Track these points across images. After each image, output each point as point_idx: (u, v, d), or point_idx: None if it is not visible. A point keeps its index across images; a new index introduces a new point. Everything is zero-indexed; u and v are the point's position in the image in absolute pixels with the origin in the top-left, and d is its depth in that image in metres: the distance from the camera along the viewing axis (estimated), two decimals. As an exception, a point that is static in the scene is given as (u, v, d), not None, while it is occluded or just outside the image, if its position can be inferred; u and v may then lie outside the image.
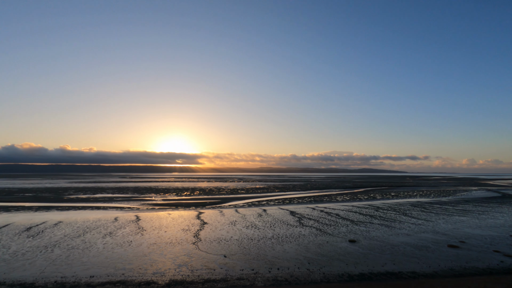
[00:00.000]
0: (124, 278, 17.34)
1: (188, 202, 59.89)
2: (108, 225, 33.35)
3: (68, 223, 34.78)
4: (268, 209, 47.72)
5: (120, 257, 21.40)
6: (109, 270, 18.67)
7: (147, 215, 41.60)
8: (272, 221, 36.80)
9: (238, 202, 59.10)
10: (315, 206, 53.07)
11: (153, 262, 20.41)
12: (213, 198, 67.49)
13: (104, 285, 16.29)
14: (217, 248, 23.90)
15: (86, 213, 43.43)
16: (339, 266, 19.75)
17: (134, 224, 34.10)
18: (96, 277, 17.57)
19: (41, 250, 23.26)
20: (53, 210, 46.62)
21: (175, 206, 52.28)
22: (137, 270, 18.71)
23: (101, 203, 56.30)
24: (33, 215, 41.11)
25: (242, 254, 22.37)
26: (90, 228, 31.85)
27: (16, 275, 17.85)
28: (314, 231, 31.01)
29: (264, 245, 24.93)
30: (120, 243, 25.39)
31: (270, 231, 30.60)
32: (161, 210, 47.52)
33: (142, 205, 53.51)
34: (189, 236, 28.19)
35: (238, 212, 44.19)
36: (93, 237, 27.72)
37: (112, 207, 50.30)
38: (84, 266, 19.51)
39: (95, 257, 21.40)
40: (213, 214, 42.19)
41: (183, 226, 33.15)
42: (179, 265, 19.76)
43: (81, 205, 53.77)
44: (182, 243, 25.57)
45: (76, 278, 17.37)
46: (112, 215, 40.87)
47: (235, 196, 74.38)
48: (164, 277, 17.50)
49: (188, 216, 40.47)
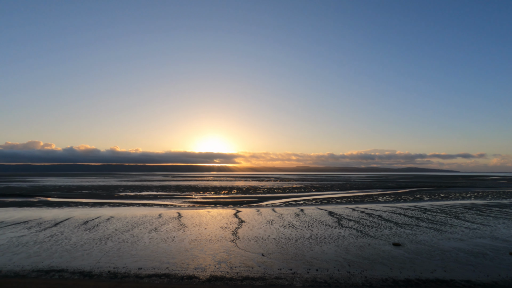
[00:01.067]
0: (168, 272, 18.37)
1: (226, 200, 61.44)
2: (153, 221, 35.59)
3: (118, 218, 37.81)
4: (306, 209, 47.04)
5: (165, 252, 22.70)
6: (155, 263, 19.92)
7: (188, 212, 43.57)
8: (310, 221, 36.21)
9: (275, 201, 59.16)
10: (355, 206, 51.07)
11: (194, 257, 21.31)
12: (250, 197, 68.42)
13: (150, 277, 17.42)
14: (255, 247, 24.19)
15: (134, 209, 46.82)
16: (383, 270, 18.78)
17: (176, 221, 35.92)
18: (144, 269, 18.86)
19: (96, 242, 25.60)
20: (106, 206, 51.03)
21: (214, 204, 54.00)
22: (180, 265, 19.69)
23: (146, 200, 60.33)
24: (89, 210, 45.41)
25: (279, 253, 22.36)
26: (137, 223, 34.28)
27: (76, 263, 19.89)
28: (355, 232, 29.86)
29: (302, 245, 24.64)
30: (164, 238, 26.94)
31: (307, 231, 30.15)
32: (201, 208, 49.42)
33: (183, 203, 56.15)
34: (228, 234, 28.92)
35: (275, 211, 44.25)
36: (140, 232, 29.79)
37: (156, 204, 53.59)
38: (133, 258, 21.06)
39: (142, 251, 22.97)
40: (251, 213, 42.76)
41: (221, 224, 34.10)
42: (219, 261, 20.37)
43: (129, 202, 58.11)
44: (221, 241, 26.32)
45: (126, 269, 18.83)
46: (157, 212, 43.53)
47: (271, 195, 74.59)
48: (205, 273, 18.18)
49: (226, 214, 41.53)
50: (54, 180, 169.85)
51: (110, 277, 17.46)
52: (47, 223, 34.28)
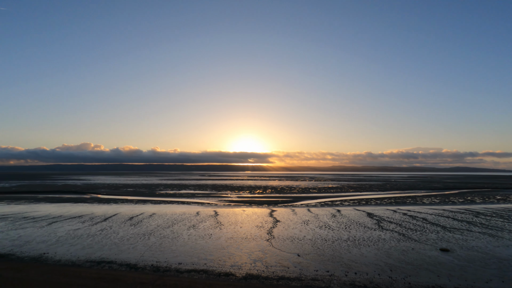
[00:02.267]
0: (206, 268, 19.00)
1: (261, 200, 61.81)
2: (191, 219, 37.05)
3: (159, 215, 39.96)
4: (343, 210, 45.56)
5: (202, 248, 23.51)
6: (194, 259, 20.71)
7: (224, 210, 44.64)
8: (347, 222, 35.01)
9: (310, 202, 58.16)
10: (396, 208, 48.27)
11: (231, 255, 21.77)
12: (284, 197, 68.08)
13: (190, 272, 18.16)
14: (290, 247, 24.02)
15: (174, 207, 49.17)
16: (428, 277, 17.50)
17: (213, 219, 37.00)
18: (183, 264, 19.72)
19: (140, 237, 27.33)
20: (148, 203, 54.25)
21: (249, 203, 54.66)
22: (217, 261, 20.25)
23: (185, 199, 63.03)
24: (134, 207, 48.64)
25: (316, 254, 21.94)
26: (177, 220, 35.93)
27: (123, 256, 21.43)
28: (396, 235, 28.22)
29: (339, 247, 23.92)
30: (202, 236, 27.90)
31: (345, 233, 29.17)
32: (236, 206, 50.31)
33: (219, 201, 57.64)
34: (263, 233, 29.08)
35: (310, 212, 43.51)
36: (179, 228, 31.19)
37: (194, 202, 55.72)
38: (174, 253, 22.12)
39: (182, 246, 24.03)
40: (285, 213, 42.53)
41: (257, 223, 34.39)
42: (254, 260, 20.57)
43: (169, 199, 61.16)
44: (257, 239, 26.55)
45: (168, 263, 19.84)
46: (195, 210, 45.25)
47: (306, 195, 73.46)
48: (241, 270, 18.48)
49: (261, 214, 41.79)
50: (103, 178, 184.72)
51: (153, 270, 18.52)
52: (98, 218, 37.38)
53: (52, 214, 40.12)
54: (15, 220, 35.79)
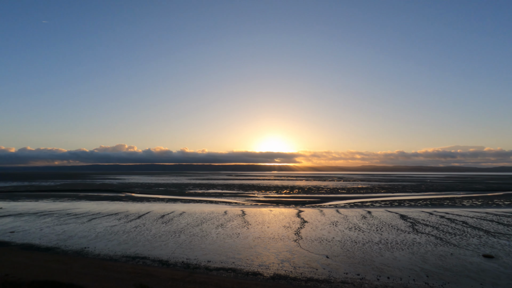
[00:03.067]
0: (234, 266, 19.27)
1: (288, 200, 61.42)
2: (219, 218, 37.78)
3: (189, 213, 41.20)
4: (373, 211, 43.90)
5: (230, 247, 23.88)
6: (222, 258, 21.10)
7: (251, 210, 44.98)
8: (379, 224, 33.67)
9: (339, 202, 56.74)
10: (432, 210, 45.57)
11: (258, 254, 21.88)
12: (312, 197, 67.05)
13: (218, 270, 18.53)
14: (318, 248, 23.61)
15: (202, 206, 50.45)
16: (470, 284, 16.31)
17: (241, 218, 37.42)
18: (212, 262, 20.17)
19: (171, 234, 28.38)
20: (178, 202, 56.17)
21: (275, 203, 54.56)
22: (245, 261, 20.45)
23: (213, 198, 64.41)
24: (165, 205, 50.62)
25: (345, 256, 21.37)
26: (205, 219, 36.82)
27: (155, 252, 22.39)
28: (433, 239, 26.64)
29: (370, 250, 23.08)
30: (230, 234, 28.34)
31: (376, 235, 28.09)
32: (263, 206, 50.46)
33: (247, 201, 58.16)
34: (290, 233, 28.88)
35: (339, 213, 42.44)
36: (208, 227, 31.93)
37: (222, 202, 56.76)
38: (203, 251, 22.70)
39: (211, 245, 24.58)
40: (313, 213, 41.89)
41: (284, 223, 34.23)
42: (282, 260, 20.49)
43: (198, 198, 62.86)
44: (284, 240, 26.43)
45: (197, 261, 20.40)
46: (222, 209, 46.08)
47: (335, 195, 71.76)
48: (269, 270, 18.50)
49: (288, 214, 41.53)
50: (136, 178, 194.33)
51: (184, 267, 19.15)
52: (132, 215, 39.38)
53: (92, 211, 42.95)
54: (60, 216, 38.81)
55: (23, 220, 35.64)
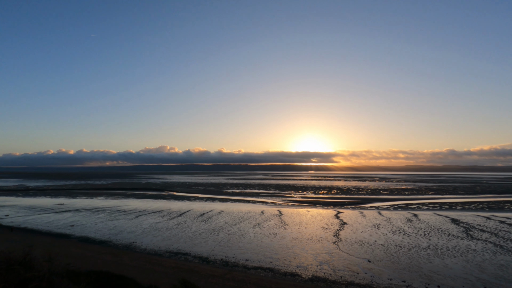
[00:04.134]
0: (272, 266, 19.29)
1: (326, 200, 59.88)
2: (256, 217, 38.12)
3: (227, 212, 42.20)
4: (420, 214, 40.90)
5: (268, 247, 23.96)
6: (260, 257, 21.26)
7: (288, 210, 44.67)
8: (426, 228, 31.29)
9: (381, 204, 53.85)
10: (490, 214, 41.11)
11: (296, 255, 21.64)
12: (351, 198, 64.55)
13: (256, 269, 18.70)
14: (359, 251, 22.65)
15: (239, 205, 51.34)
16: (539, 299, 14.40)
17: (277, 218, 37.36)
18: (250, 261, 20.41)
19: (210, 232, 29.32)
20: (217, 201, 57.83)
21: (313, 204, 53.52)
22: (282, 261, 20.37)
23: (250, 197, 65.20)
24: (204, 204, 52.45)
25: (389, 261, 20.20)
26: (243, 218, 37.40)
27: (196, 249, 23.30)
28: (491, 247, 24.03)
29: (417, 256, 21.54)
30: (267, 234, 28.44)
31: (424, 240, 26.13)
32: (300, 207, 49.82)
33: (283, 201, 57.89)
34: (329, 235, 28.11)
35: (381, 215, 40.28)
36: (245, 226, 32.39)
37: (258, 201, 57.22)
38: (241, 250, 23.09)
39: (248, 244, 24.90)
40: (353, 215, 40.30)
41: (322, 224, 33.44)
42: (321, 262, 20.03)
43: (235, 198, 64.10)
44: (322, 241, 25.80)
45: (236, 259, 20.81)
46: (259, 208, 46.43)
47: (376, 196, 68.25)
48: (307, 272, 18.20)
49: (326, 215, 40.48)
50: (177, 177, 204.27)
51: (223, 264, 19.66)
52: (174, 213, 41.44)
53: (138, 209, 46.08)
54: (111, 212, 42.26)
55: (80, 215, 39.46)
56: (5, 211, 43.15)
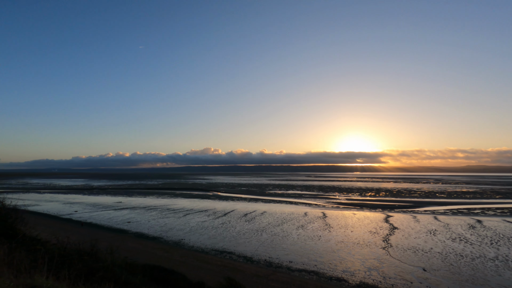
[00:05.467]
0: (316, 269, 18.84)
1: (373, 203, 56.67)
2: (299, 219, 37.60)
3: (270, 213, 42.35)
4: (485, 220, 36.48)
5: (312, 249, 23.46)
6: (303, 259, 20.92)
7: (332, 213, 43.26)
8: (493, 236, 27.79)
9: (437, 208, 49.23)
10: None
11: (342, 259, 20.84)
12: (402, 201, 60.13)
13: (300, 272, 18.43)
14: (412, 258, 20.99)
15: (282, 206, 51.16)
16: None
17: (321, 221, 36.39)
18: (294, 263, 20.20)
19: (254, 232, 29.69)
20: (259, 202, 58.39)
21: (359, 207, 51.07)
22: (327, 264, 19.77)
23: (292, 199, 64.57)
24: (247, 204, 53.34)
25: (448, 271, 18.37)
26: (286, 219, 37.20)
27: (240, 249, 23.79)
28: None
29: (482, 267, 19.24)
30: (311, 236, 27.87)
31: (490, 250, 23.25)
32: (345, 209, 47.90)
33: (327, 203, 56.21)
34: (378, 240, 26.54)
35: (438, 220, 36.84)
36: (288, 227, 32.16)
37: (301, 203, 56.37)
38: (284, 251, 22.98)
39: (292, 245, 24.67)
40: (404, 219, 37.50)
41: (370, 228, 31.72)
42: (369, 268, 19.00)
43: (278, 199, 64.03)
44: (370, 246, 24.47)
45: (279, 260, 20.76)
46: (302, 210, 45.72)
47: (431, 200, 62.58)
48: (354, 277, 17.41)
49: (374, 218, 38.30)
50: (221, 178, 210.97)
51: (266, 265, 19.76)
52: (219, 213, 42.86)
53: (186, 208, 48.62)
54: (162, 210, 45.27)
55: (136, 213, 42.97)
56: (74, 208, 48.84)
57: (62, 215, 40.61)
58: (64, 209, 46.75)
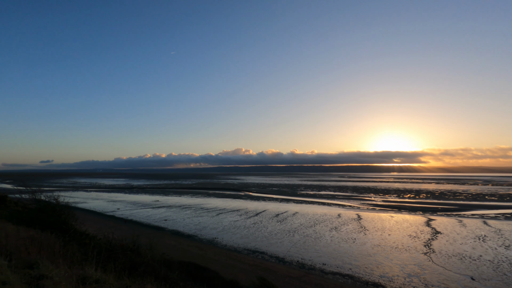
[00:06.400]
0: (351, 273, 18.23)
1: (413, 205, 53.42)
2: (332, 220, 36.66)
3: (302, 214, 41.82)
4: (546, 227, 32.66)
5: (346, 252, 22.75)
6: (338, 262, 20.36)
7: (367, 215, 41.56)
8: (556, 245, 24.77)
9: (487, 212, 45.08)
10: None
11: (379, 264, 19.94)
12: (446, 204, 55.94)
13: (334, 275, 17.96)
14: (458, 266, 19.45)
15: (314, 207, 50.23)
16: None
17: (356, 223, 35.13)
18: (328, 265, 19.74)
19: (286, 233, 29.53)
20: (291, 202, 57.91)
21: (397, 209, 48.46)
22: (363, 269, 19.04)
23: (325, 200, 63.10)
24: (279, 205, 53.18)
25: (501, 282, 16.75)
26: (318, 220, 36.48)
27: (272, 249, 23.79)
28: None
29: (542, 278, 17.25)
30: (345, 239, 27.03)
31: (553, 260, 20.76)
32: (381, 211, 45.75)
33: (362, 205, 54.12)
34: (418, 245, 24.99)
35: (487, 225, 33.74)
36: (321, 229, 31.50)
37: (334, 204, 54.87)
38: (317, 253, 22.55)
39: (325, 247, 24.14)
40: (448, 223, 34.87)
41: (409, 232, 29.97)
42: (409, 274, 17.96)
43: (310, 200, 62.99)
44: (410, 251, 23.12)
45: (312, 262, 20.42)
46: (335, 211, 44.50)
47: (480, 203, 57.44)
48: (393, 283, 16.57)
49: (414, 222, 36.11)
50: (252, 178, 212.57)
51: (299, 266, 19.55)
52: (251, 212, 43.25)
53: (219, 207, 49.76)
54: (196, 209, 46.81)
55: (172, 211, 44.91)
56: (117, 205, 52.30)
57: (106, 212, 43.73)
58: (107, 207, 50.30)
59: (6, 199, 22.97)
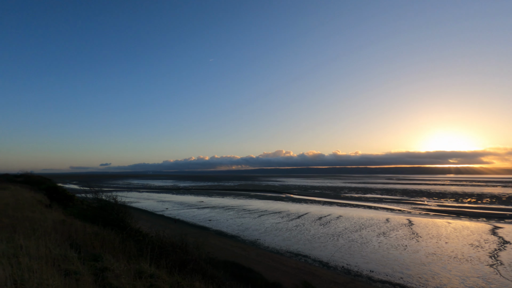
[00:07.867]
0: (402, 283, 17.02)
1: (474, 211, 48.02)
2: (380, 225, 34.61)
3: (346, 218, 40.21)
4: None
5: (396, 260, 21.30)
6: (387, 270, 19.15)
7: (420, 220, 38.41)
8: None
9: None
10: None
11: (434, 274, 18.30)
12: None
13: (383, 283, 16.93)
14: (534, 282, 16.98)
15: (360, 210, 47.94)
16: None
17: (407, 228, 32.72)
18: (376, 272, 18.68)
19: (329, 237, 28.66)
20: (334, 205, 56.03)
21: (455, 214, 44.00)
22: (416, 278, 17.65)
23: (371, 203, 59.82)
24: (321, 208, 51.83)
25: None
26: (364, 225, 34.73)
27: (315, 253, 23.26)
28: None
29: None
30: (395, 245, 25.33)
31: None
32: (436, 217, 41.93)
33: (413, 209, 50.20)
34: (482, 255, 22.40)
35: None
36: (368, 234, 29.94)
37: (381, 208, 51.77)
38: (364, 259, 21.48)
39: (372, 254, 22.89)
40: (520, 232, 30.64)
41: (470, 241, 27.01)
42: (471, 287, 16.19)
43: (354, 203, 60.27)
44: (472, 261, 20.81)
45: (358, 268, 19.51)
46: (383, 216, 41.93)
47: (560, 210, 49.46)
48: (452, 296, 15.08)
49: (476, 229, 32.45)
50: (293, 180, 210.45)
51: (344, 272, 18.82)
52: (293, 215, 42.84)
53: (260, 209, 50.18)
54: (238, 211, 47.80)
55: (215, 212, 46.48)
56: (165, 205, 55.72)
57: (156, 212, 46.87)
58: (157, 206, 53.88)
59: (74, 198, 25.95)
